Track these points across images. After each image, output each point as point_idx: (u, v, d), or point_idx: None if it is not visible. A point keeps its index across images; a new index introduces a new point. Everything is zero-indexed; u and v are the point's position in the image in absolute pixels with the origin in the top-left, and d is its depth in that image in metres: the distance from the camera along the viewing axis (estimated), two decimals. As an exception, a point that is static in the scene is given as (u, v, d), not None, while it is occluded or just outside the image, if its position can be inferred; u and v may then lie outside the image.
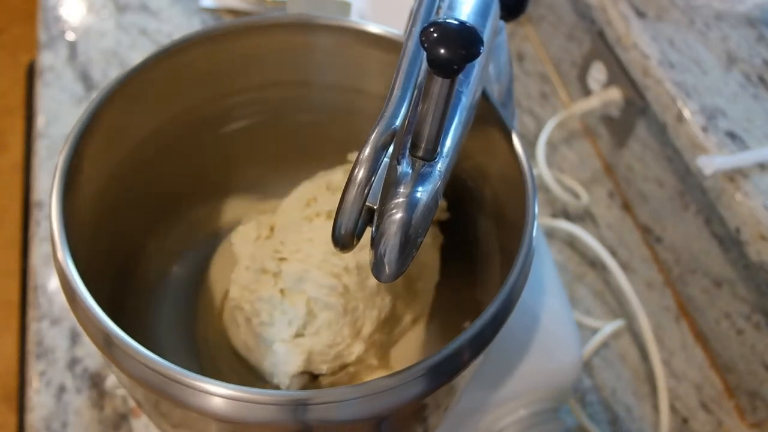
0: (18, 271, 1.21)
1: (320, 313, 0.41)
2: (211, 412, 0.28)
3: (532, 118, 0.74)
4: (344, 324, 0.41)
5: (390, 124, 0.28)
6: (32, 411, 0.50)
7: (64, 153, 0.35)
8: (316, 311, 0.41)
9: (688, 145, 0.54)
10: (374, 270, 0.27)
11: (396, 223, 0.26)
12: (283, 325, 0.41)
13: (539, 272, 0.47)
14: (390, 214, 0.27)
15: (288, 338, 0.41)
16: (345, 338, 0.41)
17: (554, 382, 0.45)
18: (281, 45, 0.44)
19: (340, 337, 0.41)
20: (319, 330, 0.41)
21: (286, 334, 0.41)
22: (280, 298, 0.41)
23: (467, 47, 0.24)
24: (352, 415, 0.28)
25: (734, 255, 0.54)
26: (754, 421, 0.55)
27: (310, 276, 0.41)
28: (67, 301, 0.32)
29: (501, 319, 0.32)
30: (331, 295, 0.41)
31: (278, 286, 0.41)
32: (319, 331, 0.41)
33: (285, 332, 0.41)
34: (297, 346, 0.40)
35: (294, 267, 0.41)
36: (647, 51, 0.58)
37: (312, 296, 0.41)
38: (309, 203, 0.44)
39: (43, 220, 0.59)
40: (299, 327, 0.41)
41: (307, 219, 0.43)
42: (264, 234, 0.44)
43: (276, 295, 0.41)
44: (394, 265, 0.27)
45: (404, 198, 0.27)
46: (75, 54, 0.72)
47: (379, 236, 0.27)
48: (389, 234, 0.26)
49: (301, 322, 0.41)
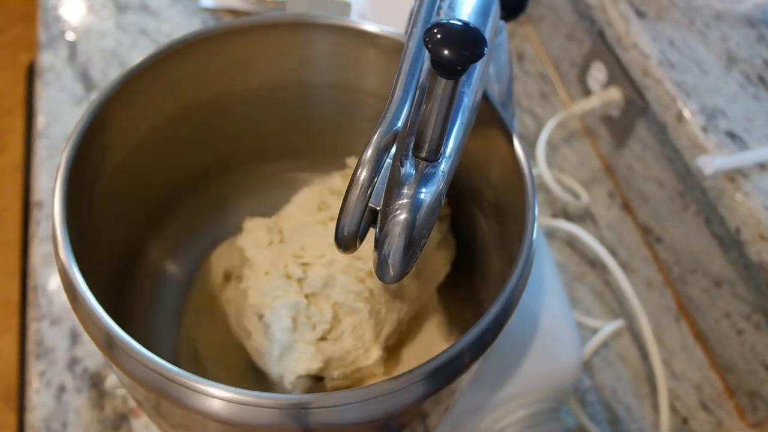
0: (18, 271, 1.21)
1: (345, 318, 0.41)
2: (211, 414, 0.28)
3: (532, 118, 0.74)
4: (367, 328, 0.41)
5: (392, 125, 0.28)
6: (32, 411, 0.50)
7: (67, 153, 0.35)
8: (341, 316, 0.41)
9: (688, 145, 0.54)
10: (378, 271, 0.27)
11: (400, 224, 0.26)
12: (306, 329, 0.41)
13: (539, 272, 0.47)
14: (394, 215, 0.27)
15: (312, 341, 0.40)
16: (365, 343, 0.41)
17: (554, 382, 0.45)
18: (281, 45, 0.44)
19: (361, 341, 0.41)
20: (343, 335, 0.41)
21: (310, 338, 0.40)
22: (306, 304, 0.41)
23: (471, 48, 0.24)
24: (353, 419, 0.28)
25: (734, 255, 0.54)
26: (754, 421, 0.55)
27: (336, 281, 0.41)
28: (69, 301, 0.32)
29: (501, 322, 0.32)
30: (357, 300, 0.41)
31: (304, 291, 0.41)
32: (343, 335, 0.41)
33: (309, 336, 0.40)
34: (319, 352, 0.40)
35: (319, 272, 0.41)
36: (647, 51, 0.58)
37: (338, 301, 0.41)
38: (320, 208, 0.44)
39: (43, 220, 0.59)
40: (324, 331, 0.41)
41: (321, 223, 0.43)
42: (276, 239, 0.44)
43: (302, 300, 0.41)
44: (399, 267, 0.27)
45: (408, 199, 0.27)
46: (75, 54, 0.72)
47: (383, 237, 0.27)
48: (393, 235, 0.27)
49: (327, 326, 0.40)
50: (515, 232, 0.35)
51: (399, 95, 0.29)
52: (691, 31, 0.60)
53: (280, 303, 0.40)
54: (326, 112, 0.49)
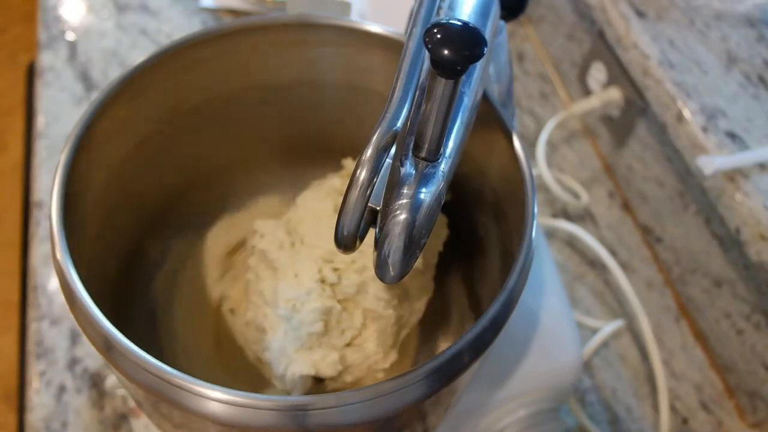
0: (18, 271, 1.21)
1: (371, 323, 0.41)
2: (211, 416, 0.28)
3: (532, 118, 0.74)
4: (390, 334, 0.41)
5: (391, 125, 0.28)
6: (32, 411, 0.50)
7: (65, 153, 0.35)
8: (368, 322, 0.41)
9: (688, 145, 0.54)
10: (378, 271, 0.27)
11: (400, 224, 0.26)
12: (336, 334, 0.41)
13: (539, 272, 0.47)
14: (394, 215, 0.27)
15: (339, 347, 0.40)
16: (386, 348, 0.41)
17: (554, 382, 0.45)
18: (281, 45, 0.44)
19: (382, 347, 0.41)
20: (367, 340, 0.41)
21: (338, 343, 0.40)
22: (339, 309, 0.41)
23: (471, 48, 0.24)
24: (353, 420, 0.28)
25: (734, 255, 0.54)
26: (754, 421, 0.55)
27: (368, 288, 0.41)
28: (67, 304, 0.32)
29: (501, 322, 0.32)
30: (387, 307, 0.41)
31: (337, 297, 0.41)
32: (367, 341, 0.41)
33: (337, 341, 0.40)
34: (342, 358, 0.40)
35: (352, 278, 0.41)
36: (647, 51, 0.58)
37: (368, 307, 0.41)
38: (336, 210, 0.44)
39: (43, 220, 0.59)
40: (352, 337, 0.41)
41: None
42: (297, 241, 0.44)
43: (336, 305, 0.40)
44: (398, 266, 0.27)
45: (408, 199, 0.27)
46: (75, 54, 0.72)
47: (383, 237, 0.27)
48: (393, 235, 0.27)
49: (355, 332, 0.41)
50: (515, 232, 0.35)
51: (399, 95, 0.29)
52: (691, 31, 0.60)
53: (312, 306, 0.40)
54: (326, 112, 0.49)
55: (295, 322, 0.40)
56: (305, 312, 0.40)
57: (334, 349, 0.40)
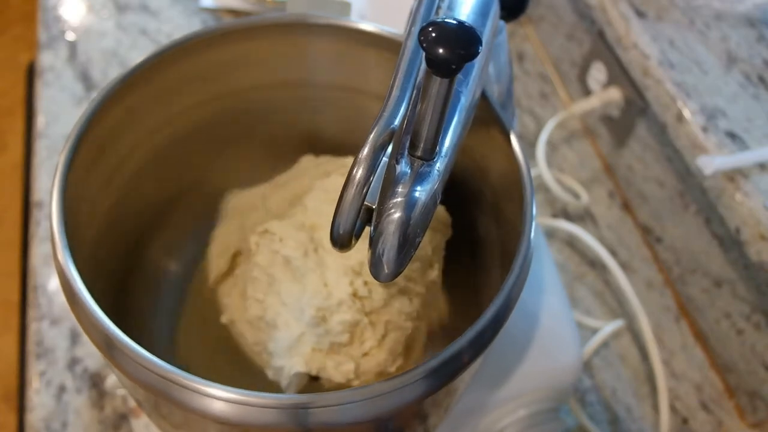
0: (18, 271, 1.21)
1: (390, 333, 0.41)
2: (212, 415, 0.28)
3: (532, 118, 0.74)
4: (402, 342, 0.41)
5: (389, 124, 0.28)
6: (32, 411, 0.50)
7: (65, 153, 0.35)
8: (388, 333, 0.41)
9: (688, 145, 0.54)
10: (373, 270, 0.27)
11: (394, 222, 0.26)
12: (357, 344, 0.40)
13: (539, 272, 0.47)
14: (388, 213, 0.27)
15: (357, 356, 0.40)
16: (396, 356, 0.41)
17: (554, 382, 0.45)
18: (281, 45, 0.44)
19: (393, 355, 0.41)
20: (383, 349, 0.41)
21: (356, 353, 0.40)
22: (367, 322, 0.40)
23: (466, 47, 0.24)
24: (353, 419, 0.28)
25: (734, 255, 0.54)
26: (754, 421, 0.55)
27: (394, 302, 0.40)
28: (68, 303, 0.32)
29: (500, 321, 0.32)
30: (408, 320, 0.41)
31: (365, 309, 0.40)
32: (382, 350, 0.41)
33: (356, 351, 0.40)
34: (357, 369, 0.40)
35: (380, 292, 0.40)
36: (647, 51, 0.58)
37: (390, 320, 0.41)
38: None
39: (43, 220, 0.59)
40: (371, 347, 0.41)
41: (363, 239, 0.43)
42: (319, 247, 0.43)
43: (364, 319, 0.40)
44: (393, 265, 0.27)
45: (403, 197, 0.27)
46: (75, 54, 0.72)
47: (377, 236, 0.27)
48: (387, 233, 0.26)
49: (374, 343, 0.40)
50: (514, 232, 0.35)
51: (396, 94, 0.29)
52: (691, 31, 0.60)
53: (342, 318, 0.40)
54: (326, 112, 0.49)
55: (321, 330, 0.40)
56: (334, 322, 0.39)
57: (352, 359, 0.40)
